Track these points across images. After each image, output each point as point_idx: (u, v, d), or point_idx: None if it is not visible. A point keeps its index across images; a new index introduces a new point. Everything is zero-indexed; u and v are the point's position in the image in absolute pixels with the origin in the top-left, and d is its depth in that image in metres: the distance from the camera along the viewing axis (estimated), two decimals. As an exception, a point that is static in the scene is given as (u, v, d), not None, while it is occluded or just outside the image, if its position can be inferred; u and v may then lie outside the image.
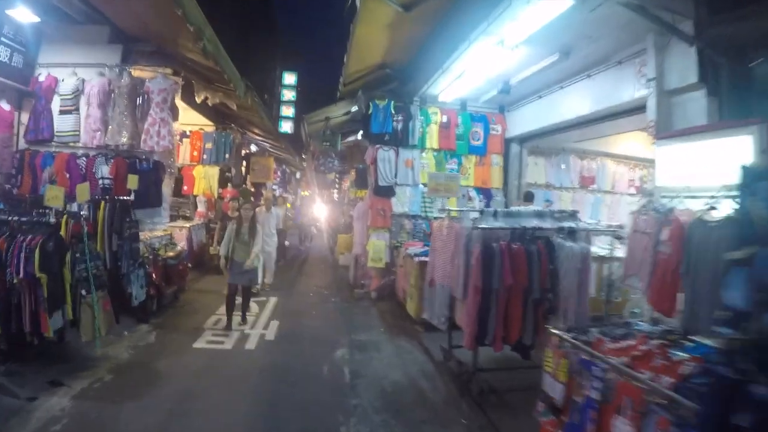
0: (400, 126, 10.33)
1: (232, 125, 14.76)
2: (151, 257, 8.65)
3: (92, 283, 6.43)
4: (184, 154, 14.10)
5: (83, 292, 6.31)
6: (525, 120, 10.63)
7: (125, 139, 8.29)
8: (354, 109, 11.19)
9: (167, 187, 9.79)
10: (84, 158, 8.46)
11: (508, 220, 6.10)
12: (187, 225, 12.83)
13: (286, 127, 32.83)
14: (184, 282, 10.03)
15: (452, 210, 6.91)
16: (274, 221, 11.02)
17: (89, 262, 6.44)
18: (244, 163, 16.76)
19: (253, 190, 18.30)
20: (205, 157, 14.02)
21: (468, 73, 8.41)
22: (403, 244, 9.76)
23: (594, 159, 12.42)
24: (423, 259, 8.20)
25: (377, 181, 10.06)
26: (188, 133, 14.15)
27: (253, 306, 9.69)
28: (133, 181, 8.05)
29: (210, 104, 10.84)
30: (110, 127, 8.36)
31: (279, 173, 25.33)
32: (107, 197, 8.09)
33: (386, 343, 7.85)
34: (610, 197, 12.60)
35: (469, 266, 5.73)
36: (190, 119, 13.65)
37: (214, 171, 14.00)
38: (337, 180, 21.29)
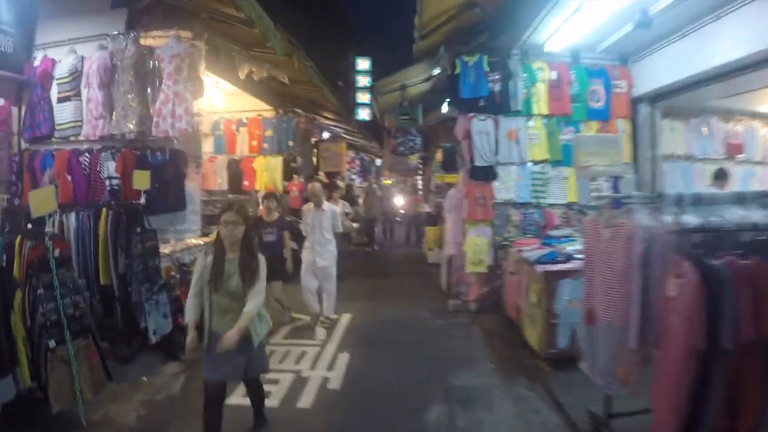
0: (497, 87, 7.73)
1: (297, 110, 12.60)
2: (179, 276, 6.57)
3: (66, 329, 4.35)
4: (242, 144, 12.20)
5: (51, 343, 4.25)
6: (658, 71, 7.71)
7: (132, 126, 6.19)
8: (436, 72, 8.66)
9: (194, 183, 7.65)
10: (87, 155, 6.44)
11: (702, 212, 3.44)
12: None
13: (364, 114, 30.82)
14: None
15: (614, 196, 4.18)
16: (329, 222, 7.84)
17: (61, 299, 4.36)
18: (315, 151, 14.69)
19: (326, 181, 16.20)
20: (265, 146, 12.01)
21: (589, 2, 5.87)
22: (512, 241, 7.20)
23: (740, 120, 9.29)
24: (549, 267, 5.64)
25: (473, 161, 7.54)
26: (245, 120, 12.20)
27: (319, 331, 7.45)
28: (141, 179, 5.94)
29: (256, 79, 8.72)
30: (114, 112, 6.29)
31: (358, 161, 23.22)
32: (112, 203, 6.08)
33: (499, 393, 5.33)
34: (761, 169, 9.46)
35: (652, 296, 3.18)
36: (246, 105, 11.91)
37: (277, 161, 11.93)
38: (420, 164, 18.73)
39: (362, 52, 33.67)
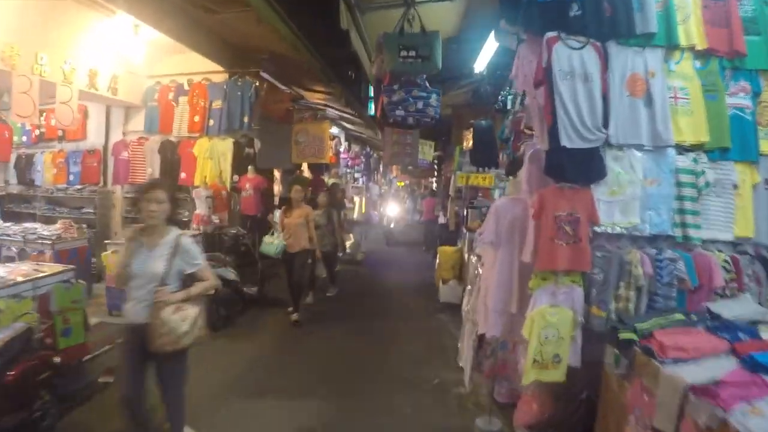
0: (605, -11, 3.38)
1: (263, 74, 8.30)
2: None
3: None
4: (181, 120, 8.15)
5: None
6: None
7: None
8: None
9: None
10: None
11: None
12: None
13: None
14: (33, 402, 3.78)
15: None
16: None
17: None
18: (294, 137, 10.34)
19: (309, 177, 11.83)
20: (211, 123, 7.90)
21: None
22: (642, 332, 2.81)
23: None
24: None
25: (556, 136, 3.12)
26: (187, 87, 8.07)
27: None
28: None
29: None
30: None
31: (362, 158, 18.80)
32: None
33: None
34: None
35: None
36: (193, 67, 8.00)
37: (226, 146, 7.78)
38: (435, 162, 14.21)
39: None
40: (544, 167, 3.14)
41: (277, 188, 11.18)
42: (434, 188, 17.59)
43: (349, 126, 14.73)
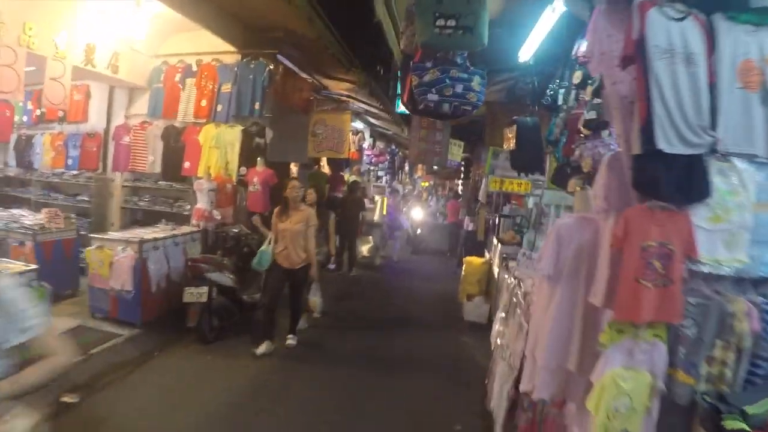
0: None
1: (280, 58, 7.59)
2: None
3: None
4: (187, 104, 7.48)
5: None
6: None
7: None
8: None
9: None
10: None
11: None
12: (145, 238, 6.06)
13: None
14: None
15: None
16: None
17: None
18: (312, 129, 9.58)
19: (328, 172, 11.11)
20: (219, 108, 7.25)
21: None
22: (758, 422, 2.02)
23: None
24: None
25: (649, 135, 2.24)
26: (195, 68, 7.40)
27: None
28: None
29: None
30: None
31: (387, 156, 18.02)
32: None
33: None
34: None
35: None
36: (200, 45, 7.35)
37: (234, 134, 7.11)
38: (463, 163, 13.26)
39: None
40: (633, 179, 2.30)
41: (294, 184, 10.49)
42: (459, 191, 16.70)
43: (374, 121, 13.99)
